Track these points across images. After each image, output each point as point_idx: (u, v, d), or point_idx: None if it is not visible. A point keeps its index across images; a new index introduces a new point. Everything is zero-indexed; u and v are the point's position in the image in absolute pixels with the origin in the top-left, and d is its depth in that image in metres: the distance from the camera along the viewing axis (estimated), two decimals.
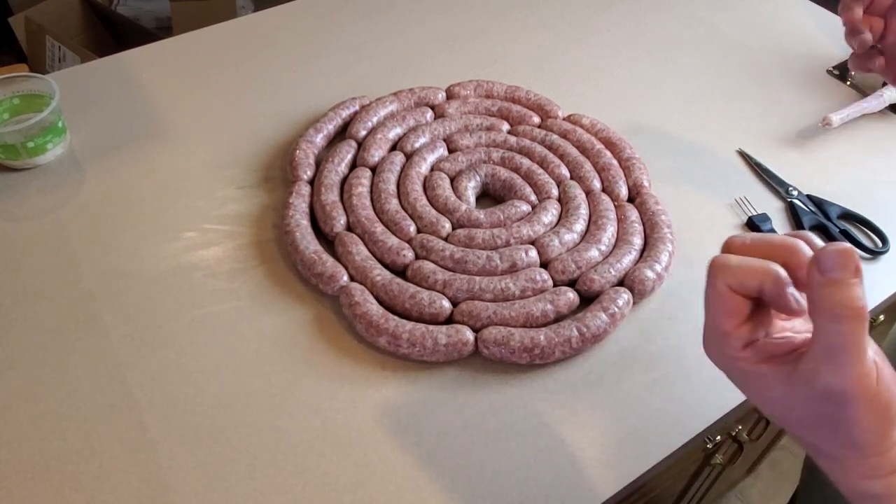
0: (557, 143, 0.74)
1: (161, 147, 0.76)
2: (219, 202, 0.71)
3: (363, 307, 0.59)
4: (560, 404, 0.56)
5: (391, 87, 0.82)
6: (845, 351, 0.28)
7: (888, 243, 0.70)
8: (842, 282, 0.28)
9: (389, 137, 0.75)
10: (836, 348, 0.28)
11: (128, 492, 0.50)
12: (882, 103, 0.83)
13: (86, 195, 0.71)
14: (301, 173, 0.71)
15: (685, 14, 1.01)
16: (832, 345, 0.28)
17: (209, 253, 0.66)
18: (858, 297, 0.28)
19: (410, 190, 0.69)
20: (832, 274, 0.28)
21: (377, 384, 0.57)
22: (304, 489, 0.51)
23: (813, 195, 0.74)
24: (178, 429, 0.54)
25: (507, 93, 0.81)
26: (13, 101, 0.76)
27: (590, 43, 0.94)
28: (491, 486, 0.51)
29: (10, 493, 0.50)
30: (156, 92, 0.83)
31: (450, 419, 0.55)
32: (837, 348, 0.28)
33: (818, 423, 0.31)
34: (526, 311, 0.59)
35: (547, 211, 0.68)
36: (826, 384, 0.29)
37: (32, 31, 1.60)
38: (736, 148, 0.80)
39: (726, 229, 0.71)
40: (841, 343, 0.28)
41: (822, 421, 0.31)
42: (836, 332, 0.28)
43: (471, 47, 0.92)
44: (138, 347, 0.58)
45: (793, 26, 0.99)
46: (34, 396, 0.55)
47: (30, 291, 0.62)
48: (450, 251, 0.63)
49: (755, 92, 0.88)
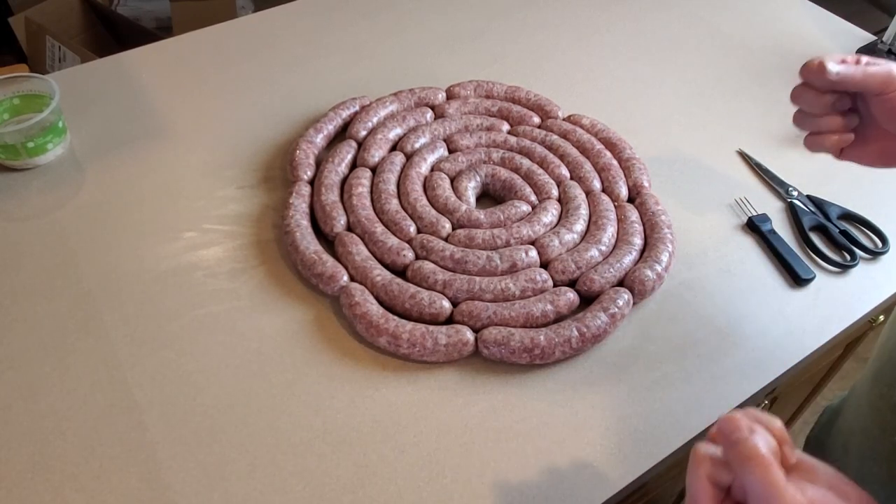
0: (557, 144, 0.74)
1: (161, 147, 0.76)
2: (219, 202, 0.71)
3: (363, 307, 0.59)
4: (560, 404, 0.56)
5: (391, 87, 0.82)
6: (765, 493, 0.32)
7: (888, 243, 0.70)
8: (737, 440, 0.33)
9: (389, 137, 0.75)
10: (758, 495, 0.32)
11: (128, 492, 0.50)
12: None
13: (86, 195, 0.71)
14: (301, 173, 0.71)
15: (685, 14, 1.01)
16: (755, 493, 0.32)
17: (209, 253, 0.66)
18: (756, 446, 0.33)
19: (410, 190, 0.69)
20: (729, 438, 0.34)
21: (377, 384, 0.57)
22: (304, 489, 0.51)
23: (813, 195, 0.74)
24: (178, 429, 0.54)
25: (507, 93, 0.81)
26: (13, 101, 0.76)
27: (590, 43, 0.94)
28: (491, 486, 0.51)
29: (10, 492, 0.50)
30: (156, 92, 0.83)
31: (450, 419, 0.55)
32: (759, 495, 0.32)
33: None
34: (526, 312, 0.59)
35: (547, 211, 0.68)
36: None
37: (32, 31, 1.60)
38: (736, 148, 0.80)
39: (726, 229, 0.71)
40: (759, 489, 0.32)
41: None
42: (752, 482, 0.32)
43: (471, 47, 0.92)
44: (138, 347, 0.58)
45: (793, 26, 0.99)
46: (34, 396, 0.55)
47: (30, 291, 0.62)
48: (450, 251, 0.63)
49: (755, 92, 0.88)
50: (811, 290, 0.66)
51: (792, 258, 0.67)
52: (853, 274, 0.68)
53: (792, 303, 0.65)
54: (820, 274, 0.67)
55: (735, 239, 0.70)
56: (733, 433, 0.34)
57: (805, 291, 0.66)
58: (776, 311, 0.64)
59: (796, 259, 0.67)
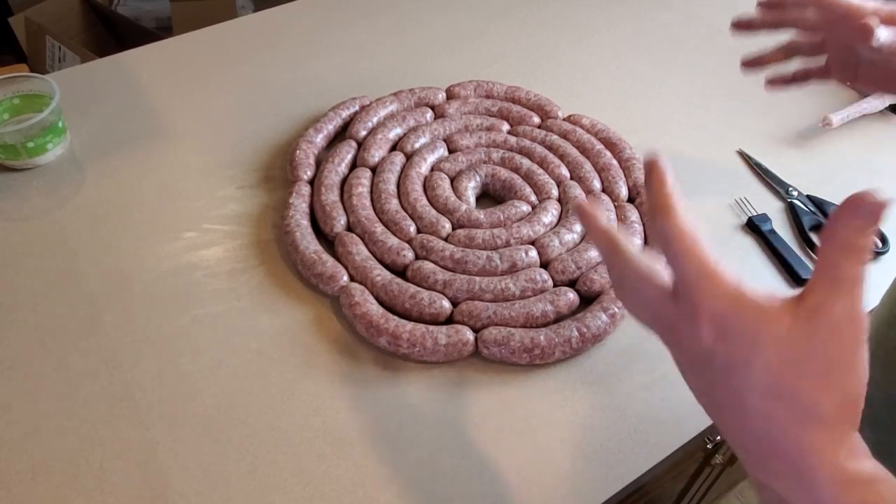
0: (557, 144, 0.74)
1: (161, 147, 0.76)
2: (219, 202, 0.71)
3: (363, 307, 0.59)
4: (560, 404, 0.56)
5: (391, 87, 0.82)
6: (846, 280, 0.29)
7: (888, 243, 0.70)
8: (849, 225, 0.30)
9: (389, 137, 0.75)
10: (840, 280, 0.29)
11: (128, 492, 0.50)
12: (882, 103, 0.83)
13: (86, 195, 0.71)
14: (301, 173, 0.71)
15: (685, 14, 1.01)
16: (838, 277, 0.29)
17: (209, 253, 0.66)
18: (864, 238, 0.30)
19: (410, 190, 0.69)
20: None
21: (377, 384, 0.57)
22: (304, 489, 0.51)
23: (813, 195, 0.74)
24: (178, 429, 0.54)
25: (507, 93, 0.81)
26: (13, 101, 0.76)
27: (590, 43, 0.94)
28: (491, 486, 0.51)
29: (10, 492, 0.50)
30: (156, 92, 0.83)
31: (450, 419, 0.55)
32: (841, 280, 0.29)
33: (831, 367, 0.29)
34: (526, 312, 0.59)
35: (547, 211, 0.68)
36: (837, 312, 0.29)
37: (32, 31, 1.60)
38: (736, 148, 0.80)
39: (726, 229, 0.71)
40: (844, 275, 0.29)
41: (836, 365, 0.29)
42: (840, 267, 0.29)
43: (471, 47, 0.92)
44: (138, 347, 0.58)
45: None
46: (34, 396, 0.55)
47: (30, 291, 0.62)
48: (450, 251, 0.63)
49: (755, 92, 0.87)
50: None
51: (792, 258, 0.67)
52: None
53: None
54: None
55: (735, 239, 0.70)
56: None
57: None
58: None
59: (796, 259, 0.67)
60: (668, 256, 0.34)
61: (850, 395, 0.29)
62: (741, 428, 0.31)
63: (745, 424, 0.31)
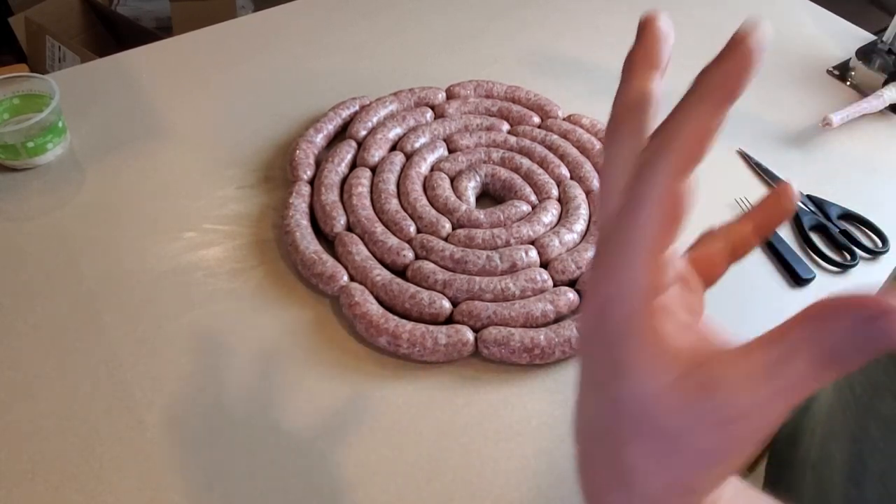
0: (557, 143, 0.74)
1: (161, 147, 0.76)
2: (219, 202, 0.71)
3: (363, 307, 0.59)
4: (560, 404, 0.56)
5: (391, 87, 0.82)
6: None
7: (888, 243, 0.70)
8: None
9: (389, 137, 0.75)
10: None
11: (128, 492, 0.50)
12: (882, 103, 0.83)
13: (86, 195, 0.71)
14: (301, 173, 0.71)
15: (684, 14, 1.01)
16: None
17: (209, 253, 0.66)
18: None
19: (410, 190, 0.69)
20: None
21: (377, 384, 0.57)
22: (304, 489, 0.51)
23: (813, 195, 0.74)
24: (178, 429, 0.54)
25: (507, 93, 0.81)
26: (13, 101, 0.76)
27: (590, 43, 0.94)
28: (491, 486, 0.51)
29: (9, 492, 0.50)
30: (156, 92, 0.83)
31: (450, 419, 0.55)
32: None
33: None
34: (526, 311, 0.59)
35: (547, 211, 0.68)
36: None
37: (32, 31, 1.60)
38: (736, 148, 0.80)
39: None
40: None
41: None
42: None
43: (471, 47, 0.92)
44: (138, 347, 0.58)
45: (793, 26, 0.99)
46: (34, 396, 0.55)
47: (30, 291, 0.62)
48: (450, 251, 0.63)
49: (755, 92, 0.87)
50: (811, 290, 0.66)
51: (792, 258, 0.67)
52: (853, 274, 0.68)
53: (792, 303, 0.65)
54: (820, 274, 0.67)
55: None
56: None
57: (805, 291, 0.66)
58: (776, 311, 0.64)
59: (796, 259, 0.67)
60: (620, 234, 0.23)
61: (688, 488, 0.23)
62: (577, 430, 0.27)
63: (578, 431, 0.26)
